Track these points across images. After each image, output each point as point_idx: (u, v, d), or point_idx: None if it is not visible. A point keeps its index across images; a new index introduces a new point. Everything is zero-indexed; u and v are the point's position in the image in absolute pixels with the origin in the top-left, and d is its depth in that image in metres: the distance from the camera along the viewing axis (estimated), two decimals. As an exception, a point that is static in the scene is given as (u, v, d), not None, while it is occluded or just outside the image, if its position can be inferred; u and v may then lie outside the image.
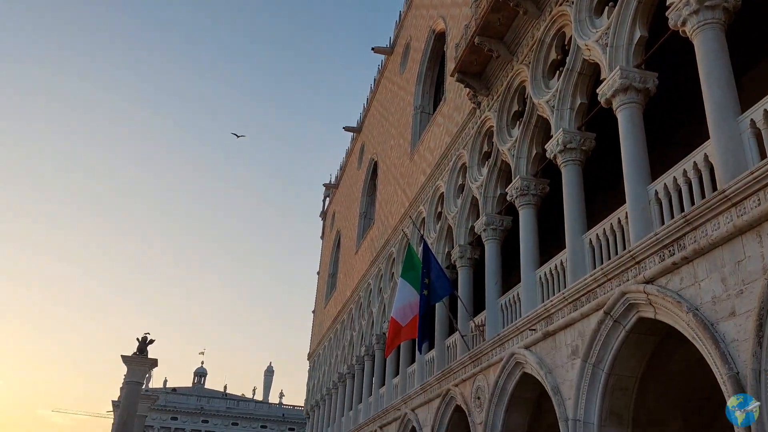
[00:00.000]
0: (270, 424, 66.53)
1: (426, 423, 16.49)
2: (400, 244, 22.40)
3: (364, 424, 23.51)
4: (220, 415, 65.31)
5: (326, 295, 41.02)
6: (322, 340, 38.28)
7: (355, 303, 29.44)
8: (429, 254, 14.65)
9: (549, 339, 11.02)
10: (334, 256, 41.17)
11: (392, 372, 21.80)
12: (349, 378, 28.89)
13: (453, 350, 16.32)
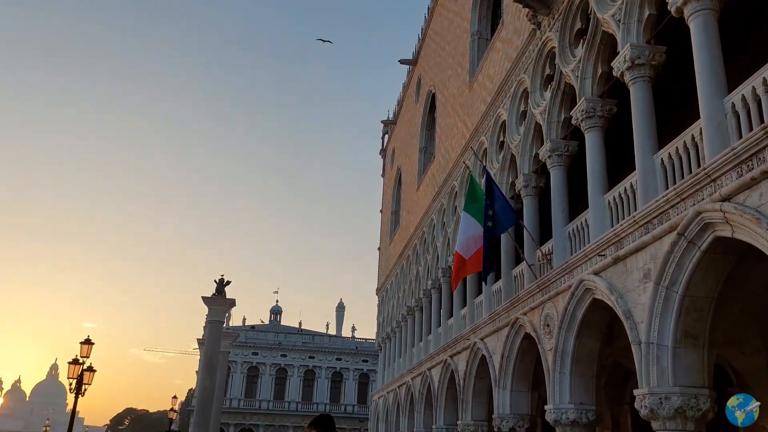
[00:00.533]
0: (344, 356, 69.36)
1: (495, 351, 16.77)
2: (462, 177, 22.21)
3: (435, 353, 24.14)
4: (297, 350, 68.54)
5: (390, 233, 41.54)
6: (389, 275, 39.06)
7: (419, 239, 29.69)
8: (492, 185, 14.47)
9: (619, 264, 10.83)
10: (396, 193, 41.36)
11: (460, 303, 22.11)
12: (417, 311, 29.53)
13: (520, 280, 16.33)
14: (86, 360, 20.30)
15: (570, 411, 12.24)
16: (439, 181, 26.03)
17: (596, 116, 12.53)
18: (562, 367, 12.53)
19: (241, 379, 66.19)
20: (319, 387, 67.77)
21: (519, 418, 15.43)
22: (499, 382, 16.10)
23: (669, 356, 9.26)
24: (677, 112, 13.28)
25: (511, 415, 15.52)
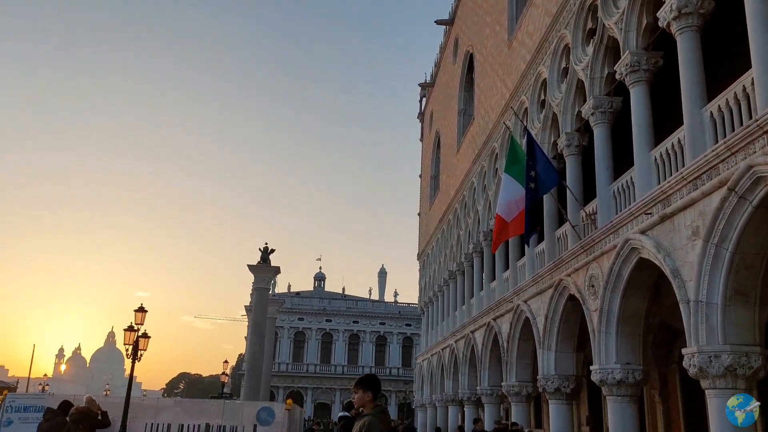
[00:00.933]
0: (387, 320, 70.34)
1: (539, 313, 16.73)
2: (502, 139, 21.89)
3: (478, 316, 24.25)
4: (342, 314, 69.85)
5: (430, 197, 41.44)
6: (430, 240, 39.13)
7: (460, 202, 29.55)
8: (534, 145, 14.23)
9: (666, 222, 10.58)
10: (435, 157, 41.08)
11: (502, 266, 22.05)
12: (459, 275, 29.59)
13: (563, 241, 16.14)
14: (140, 327, 21.10)
15: (616, 371, 12.19)
16: (479, 144, 25.72)
17: (641, 70, 12.10)
18: (607, 327, 12.43)
19: (288, 344, 67.98)
20: (364, 350, 69.07)
21: (564, 379, 15.45)
22: (543, 344, 16.10)
23: (719, 314, 9.08)
24: (727, 63, 12.71)
25: (555, 376, 15.55)
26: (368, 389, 4.87)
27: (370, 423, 4.58)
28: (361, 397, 4.84)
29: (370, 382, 4.95)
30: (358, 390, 4.90)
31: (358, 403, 4.86)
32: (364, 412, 4.82)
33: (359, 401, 4.86)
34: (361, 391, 4.88)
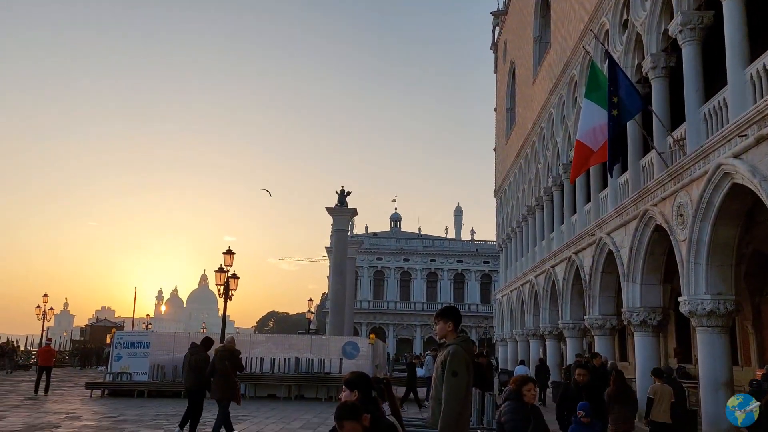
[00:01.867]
0: (465, 258, 70.56)
1: (623, 245, 16.25)
2: (581, 65, 20.83)
3: (558, 251, 23.86)
4: (419, 254, 70.67)
5: (506, 131, 40.41)
6: (507, 175, 38.41)
7: (538, 135, 28.66)
8: (616, 69, 13.43)
9: (763, 144, 9.84)
10: (510, 89, 39.78)
11: (583, 199, 21.41)
12: (538, 209, 29.04)
13: (649, 170, 15.41)
14: (230, 268, 22.31)
15: (706, 302, 11.75)
16: (556, 72, 24.61)
17: (736, -20, 11.04)
18: (697, 257, 11.93)
19: (368, 283, 69.84)
20: (442, 288, 69.95)
21: (650, 311, 15.08)
22: (627, 276, 15.70)
23: (822, 240, 8.50)
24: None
25: (641, 308, 15.20)
26: (449, 319, 4.89)
27: (454, 351, 4.62)
28: (443, 328, 4.86)
29: (450, 313, 4.97)
30: (438, 321, 4.91)
31: (440, 333, 4.88)
32: (447, 342, 4.86)
33: (441, 332, 4.88)
34: (442, 322, 4.89)
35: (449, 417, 4.40)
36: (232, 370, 10.84)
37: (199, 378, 10.95)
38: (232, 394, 10.66)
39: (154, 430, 11.83)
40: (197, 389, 11.00)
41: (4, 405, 15.85)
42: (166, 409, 15.81)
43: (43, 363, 20.29)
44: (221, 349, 11.13)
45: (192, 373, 11.10)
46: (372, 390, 3.92)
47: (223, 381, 10.60)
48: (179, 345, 22.68)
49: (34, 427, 11.76)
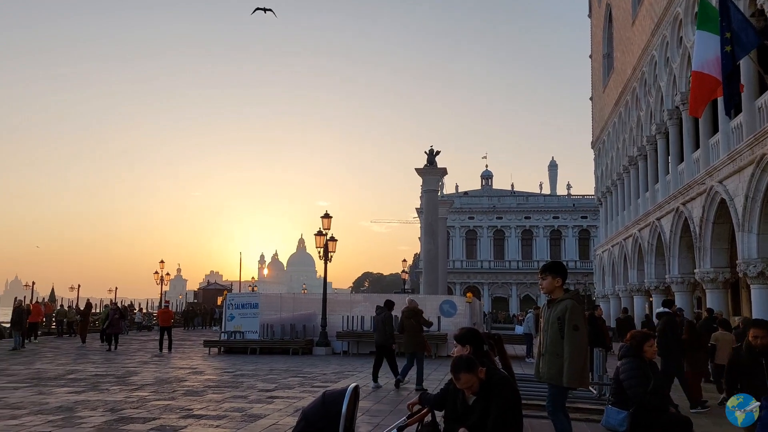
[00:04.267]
0: (561, 214, 68.56)
1: (737, 193, 15.20)
2: (687, 1, 19.31)
3: (664, 202, 22.69)
4: (512, 211, 69.42)
5: (603, 78, 38.40)
6: (605, 126, 36.68)
7: (639, 80, 27.06)
8: (727, 2, 12.34)
9: None
10: (606, 34, 37.60)
11: (691, 146, 20.13)
12: (640, 160, 27.63)
13: (765, 111, 14.22)
14: (328, 231, 22.98)
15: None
16: (658, 11, 22.97)
17: None
18: (825, 202, 10.98)
19: (460, 243, 69.67)
20: (538, 245, 68.58)
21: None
22: (743, 226, 14.74)
23: None
24: None
25: (758, 260, 14.27)
26: (557, 275, 4.84)
27: (573, 306, 4.61)
28: (550, 283, 4.82)
29: (557, 268, 4.91)
30: (546, 276, 4.86)
31: (547, 289, 4.85)
32: (556, 297, 4.82)
33: (548, 287, 4.83)
34: (550, 277, 4.84)
35: (575, 370, 4.43)
36: (418, 326, 12.18)
37: (384, 335, 12.50)
38: (420, 346, 11.97)
39: (269, 383, 12.61)
40: (383, 344, 12.52)
41: (135, 361, 17.44)
42: (277, 364, 16.78)
43: (163, 324, 22.01)
44: (407, 309, 12.46)
45: (379, 331, 12.66)
46: (483, 344, 3.99)
47: (412, 337, 12.01)
48: (285, 305, 23.87)
49: (164, 381, 12.89)
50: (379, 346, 12.56)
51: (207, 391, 11.41)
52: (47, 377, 13.29)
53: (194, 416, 8.67)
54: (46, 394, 10.76)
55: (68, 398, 10.26)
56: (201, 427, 7.90)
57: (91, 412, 8.96)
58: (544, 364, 4.66)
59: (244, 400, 10.31)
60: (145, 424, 8.05)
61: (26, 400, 9.97)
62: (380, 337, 12.55)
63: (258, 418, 8.55)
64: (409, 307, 12.50)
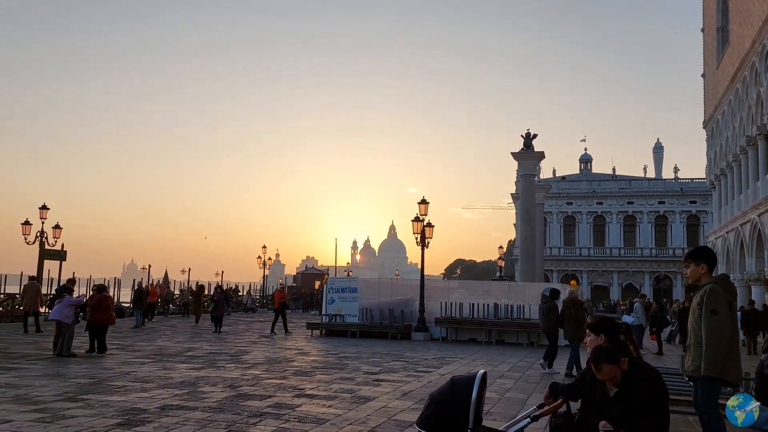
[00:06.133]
0: (668, 199, 64.74)
1: None
2: (821, -36, 17.52)
3: (789, 185, 20.89)
4: (614, 196, 66.35)
5: (717, 54, 35.74)
6: (719, 104, 34.19)
7: (758, 54, 24.97)
8: None
9: None
10: (721, 6, 34.89)
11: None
12: (760, 139, 25.59)
13: None
14: (425, 217, 23.01)
15: None
16: (784, -23, 21.03)
17: None
18: None
19: (558, 229, 67.63)
20: (642, 232, 65.30)
21: None
22: None
23: None
24: None
25: None
26: (701, 261, 4.53)
27: (711, 289, 4.31)
28: (695, 271, 4.50)
29: (703, 254, 4.57)
30: (690, 263, 4.53)
31: (692, 277, 4.53)
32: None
33: (693, 275, 4.52)
34: (693, 264, 4.53)
35: (712, 357, 4.13)
36: (578, 315, 12.75)
37: (547, 322, 13.25)
38: (580, 335, 12.17)
39: (373, 366, 12.86)
40: (548, 331, 13.32)
41: (245, 341, 18.36)
42: (379, 348, 17.09)
43: (278, 305, 22.98)
44: (568, 299, 13.22)
45: (544, 318, 13.46)
46: (620, 334, 3.83)
47: (572, 325, 12.65)
48: (383, 290, 24.24)
49: (274, 361, 13.48)
50: (545, 334, 13.54)
51: (315, 371, 11.82)
52: (168, 354, 14.26)
53: (306, 395, 9.01)
54: (169, 369, 11.56)
55: (190, 374, 10.97)
56: (314, 406, 8.19)
57: (212, 387, 9.53)
58: (688, 356, 4.40)
59: (351, 381, 10.59)
60: (263, 401, 8.45)
61: (153, 375, 10.76)
62: (545, 325, 13.42)
63: (367, 400, 8.75)
64: (570, 297, 13.32)
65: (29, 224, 25.85)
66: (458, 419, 3.25)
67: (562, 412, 3.66)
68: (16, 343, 15.86)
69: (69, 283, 15.73)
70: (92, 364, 12.25)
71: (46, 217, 26.07)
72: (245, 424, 6.90)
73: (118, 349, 14.91)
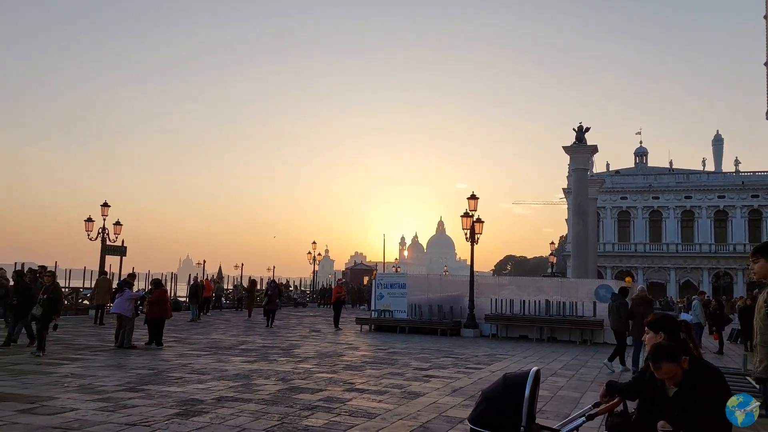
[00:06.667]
0: (728, 193, 62.07)
1: None
2: None
3: None
4: (671, 190, 64.14)
5: (783, 40, 34.03)
6: (785, 93, 32.55)
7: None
8: None
9: None
10: (788, -11, 33.19)
11: None
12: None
13: None
14: (474, 213, 22.83)
15: None
16: None
17: None
18: None
19: (612, 224, 65.88)
20: (700, 227, 62.93)
21: None
22: None
23: None
24: None
25: None
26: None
27: None
28: (762, 267, 4.27)
29: None
30: (758, 259, 4.29)
31: (760, 273, 4.27)
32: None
33: (760, 271, 4.26)
34: (762, 260, 4.30)
35: None
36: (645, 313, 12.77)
37: (619, 320, 13.22)
38: None
39: (423, 362, 12.86)
40: (617, 329, 13.34)
41: (296, 335, 18.66)
42: (428, 344, 17.07)
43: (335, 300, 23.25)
44: (637, 297, 13.38)
45: (613, 316, 13.47)
46: (680, 332, 3.71)
47: (640, 323, 12.49)
48: (432, 286, 24.19)
49: (325, 355, 13.66)
50: (614, 332, 13.50)
51: (365, 366, 11.91)
52: (223, 347, 14.65)
53: (357, 390, 9.09)
54: (224, 362, 11.87)
55: (243, 366, 11.23)
56: (365, 400, 8.26)
57: (265, 380, 9.73)
58: (755, 357, 4.21)
59: (401, 377, 10.63)
60: (314, 394, 8.58)
61: (209, 367, 11.07)
62: (615, 323, 13.40)
63: (417, 396, 8.76)
64: (640, 295, 13.43)
65: (92, 221, 26.97)
66: (511, 416, 3.23)
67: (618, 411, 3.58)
68: (81, 335, 16.59)
69: (129, 278, 16.34)
70: (151, 355, 12.70)
71: (107, 214, 27.18)
72: (297, 417, 7.03)
73: (175, 342, 15.41)
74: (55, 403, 7.39)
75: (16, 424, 6.30)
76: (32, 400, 7.53)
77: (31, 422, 6.39)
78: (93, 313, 21.65)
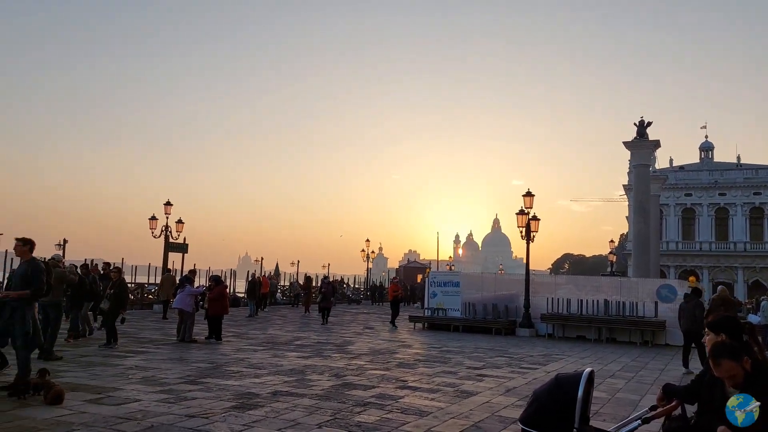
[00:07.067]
0: (801, 189, 59.00)
1: None
2: None
3: None
4: (738, 187, 61.22)
5: None
6: None
7: None
8: None
9: None
10: None
11: None
12: None
13: None
14: (530, 210, 22.46)
15: None
16: None
17: None
18: None
19: (675, 222, 63.47)
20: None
21: None
22: None
23: None
24: None
25: None
26: None
27: None
28: None
29: None
30: None
31: None
32: None
33: None
34: None
35: None
36: None
37: (693, 321, 12.82)
38: None
39: (477, 361, 12.76)
40: (689, 330, 12.94)
41: (350, 332, 18.85)
42: (482, 343, 16.93)
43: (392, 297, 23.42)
44: (718, 297, 13.29)
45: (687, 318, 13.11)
46: (743, 333, 3.56)
47: None
48: (486, 285, 23.97)
49: (378, 352, 13.75)
50: (686, 333, 13.14)
51: (418, 364, 11.92)
52: (279, 342, 14.96)
53: (409, 387, 9.11)
54: (280, 357, 12.12)
55: (298, 362, 11.44)
56: (417, 398, 8.27)
57: (319, 376, 9.88)
58: None
59: (453, 375, 10.58)
60: (366, 391, 8.66)
61: (265, 362, 11.33)
62: (688, 324, 13.05)
63: (470, 395, 8.71)
64: (720, 295, 13.39)
65: (155, 219, 28.02)
66: (563, 418, 3.17)
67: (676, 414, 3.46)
68: (145, 329, 17.27)
69: (190, 274, 16.89)
70: (210, 349, 13.10)
71: (170, 213, 28.17)
72: (350, 413, 7.11)
73: (233, 337, 15.83)
74: (120, 394, 7.72)
75: (84, 413, 6.62)
76: (99, 391, 7.89)
77: (98, 412, 6.70)
78: (160, 308, 22.62)
